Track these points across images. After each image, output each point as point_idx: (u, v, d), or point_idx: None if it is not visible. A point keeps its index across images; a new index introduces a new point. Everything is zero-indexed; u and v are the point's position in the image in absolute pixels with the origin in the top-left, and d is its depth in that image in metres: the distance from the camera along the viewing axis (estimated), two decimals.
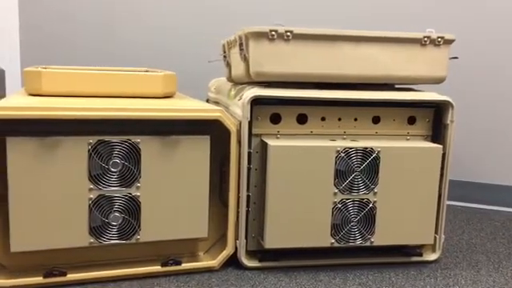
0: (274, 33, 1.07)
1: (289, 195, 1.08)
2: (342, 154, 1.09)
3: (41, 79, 1.13)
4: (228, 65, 1.35)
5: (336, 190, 1.10)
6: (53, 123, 1.00)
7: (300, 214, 1.09)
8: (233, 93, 1.29)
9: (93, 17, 2.12)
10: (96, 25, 2.12)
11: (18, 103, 0.99)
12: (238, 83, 1.31)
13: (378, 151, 1.10)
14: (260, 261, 1.14)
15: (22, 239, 0.99)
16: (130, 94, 1.20)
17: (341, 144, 1.10)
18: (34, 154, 0.98)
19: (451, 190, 1.73)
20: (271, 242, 1.09)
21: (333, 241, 1.11)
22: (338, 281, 1.09)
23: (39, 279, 1.01)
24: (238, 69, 1.23)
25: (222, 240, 1.19)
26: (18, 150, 0.97)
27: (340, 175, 1.10)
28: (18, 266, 1.04)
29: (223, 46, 1.37)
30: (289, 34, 1.08)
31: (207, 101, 1.58)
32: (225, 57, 1.36)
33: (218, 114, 1.07)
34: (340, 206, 1.11)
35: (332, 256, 1.17)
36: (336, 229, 1.11)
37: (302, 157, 1.08)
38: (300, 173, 1.08)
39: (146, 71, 1.30)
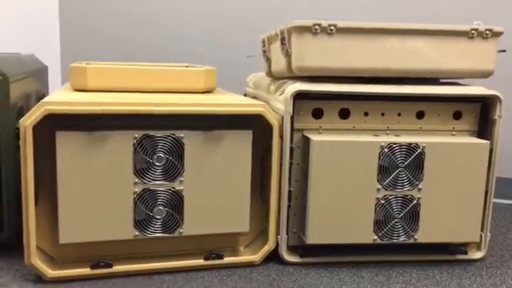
0: (317, 27, 1.06)
1: (331, 191, 1.07)
2: (386, 150, 1.07)
3: (86, 75, 1.16)
4: (268, 60, 1.34)
5: (379, 186, 1.08)
6: (99, 118, 1.02)
7: (342, 210, 1.08)
8: (272, 88, 1.29)
9: (132, 12, 2.14)
10: (134, 20, 2.14)
11: (67, 98, 1.01)
12: (278, 78, 1.31)
13: (423, 147, 1.08)
14: (301, 256, 1.14)
15: (70, 231, 1.02)
16: (172, 89, 1.21)
17: (385, 139, 1.08)
18: (82, 148, 1.00)
19: (497, 187, 1.69)
20: (313, 237, 1.09)
21: (375, 237, 1.10)
22: (381, 278, 1.08)
23: (87, 270, 1.03)
24: (279, 63, 1.22)
25: (261, 235, 1.19)
26: (67, 144, 0.99)
27: (383, 171, 1.08)
28: (65, 257, 1.07)
29: (263, 40, 1.36)
30: (332, 27, 1.06)
31: (245, 96, 1.59)
32: (264, 52, 1.36)
33: (261, 109, 1.07)
34: (383, 202, 1.09)
35: (374, 253, 1.15)
36: (379, 225, 1.10)
37: (345, 152, 1.07)
38: (343, 168, 1.07)
39: (187, 66, 1.31)
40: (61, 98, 1.02)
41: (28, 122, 0.95)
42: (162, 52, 2.14)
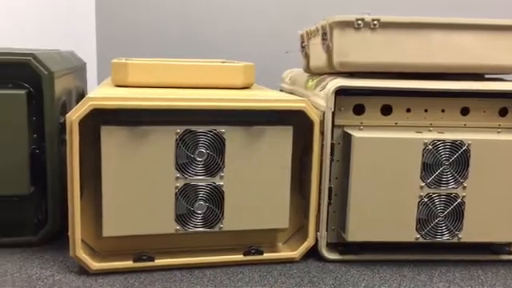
0: (360, 22, 1.05)
1: (373, 188, 1.06)
2: (430, 147, 1.05)
3: (127, 70, 1.17)
4: (306, 55, 1.34)
5: (422, 184, 1.06)
6: (142, 113, 1.03)
7: (384, 208, 1.07)
8: (311, 83, 1.28)
9: (167, 7, 2.16)
10: (168, 16, 2.16)
11: (111, 94, 1.02)
12: (316, 74, 1.30)
13: (469, 144, 1.05)
14: (341, 254, 1.13)
15: (114, 225, 1.03)
16: (210, 85, 1.21)
17: (428, 136, 1.06)
18: (126, 143, 1.01)
19: None
20: (354, 235, 1.08)
21: (418, 236, 1.08)
22: (424, 277, 1.06)
23: (129, 263, 1.05)
24: (318, 59, 1.21)
25: (300, 231, 1.18)
26: (111, 139, 1.00)
27: (427, 168, 1.06)
28: (107, 250, 1.09)
29: (301, 36, 1.35)
30: (376, 22, 1.05)
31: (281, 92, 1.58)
32: (303, 47, 1.35)
33: (303, 105, 1.06)
34: (426, 200, 1.07)
35: (416, 251, 1.13)
36: (421, 223, 1.08)
37: (388, 149, 1.05)
38: (385, 165, 1.05)
39: (223, 62, 1.31)
40: (105, 93, 1.03)
41: (74, 116, 0.97)
42: (194, 47, 2.16)
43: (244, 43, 2.12)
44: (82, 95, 1.61)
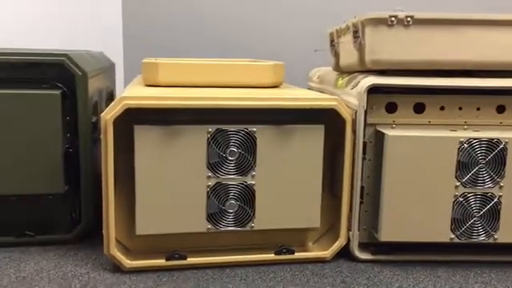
0: (393, 18, 1.03)
1: (406, 187, 1.05)
2: (465, 146, 1.03)
3: (158, 70, 1.18)
4: (336, 54, 1.32)
5: (457, 183, 1.04)
6: (174, 112, 1.04)
7: (418, 207, 1.05)
8: (341, 82, 1.27)
9: (193, 7, 2.17)
10: (195, 15, 2.17)
11: (144, 93, 1.03)
12: (346, 72, 1.28)
13: (506, 142, 1.03)
14: (373, 254, 1.12)
15: (147, 223, 1.04)
16: (240, 84, 1.21)
17: (464, 135, 1.04)
18: (158, 142, 1.02)
19: None
20: (387, 234, 1.06)
21: (453, 236, 1.06)
22: (459, 278, 1.04)
23: (162, 262, 1.05)
24: (349, 57, 1.20)
25: (330, 231, 1.17)
26: (144, 138, 1.01)
27: (462, 167, 1.04)
28: (140, 248, 1.10)
29: (330, 34, 1.34)
30: (409, 19, 1.03)
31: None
32: (332, 45, 1.34)
33: (335, 103, 1.05)
34: (462, 199, 1.05)
35: (450, 252, 1.11)
36: (456, 223, 1.06)
37: (422, 148, 1.03)
38: (418, 164, 1.04)
39: (251, 61, 1.31)
40: (138, 92, 1.04)
41: (109, 116, 0.98)
42: (220, 47, 2.16)
43: (269, 42, 2.11)
44: (111, 95, 1.63)
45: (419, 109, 1.09)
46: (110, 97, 1.61)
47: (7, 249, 1.13)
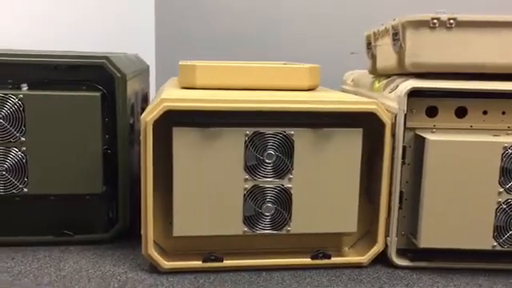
0: (435, 21, 1.01)
1: (447, 193, 1.02)
2: (510, 151, 1.00)
3: (195, 73, 1.19)
4: (373, 56, 1.31)
5: (501, 190, 1.01)
6: (212, 115, 1.04)
7: (459, 214, 1.03)
8: (377, 85, 1.25)
9: (225, 10, 2.18)
10: (228, 18, 2.18)
11: (183, 95, 1.04)
12: (384, 75, 1.27)
13: None
14: (411, 260, 1.09)
15: (184, 225, 1.04)
16: (276, 87, 1.21)
17: (507, 140, 1.01)
18: (196, 144, 1.02)
19: None
20: (426, 241, 1.04)
21: (495, 243, 1.03)
22: (501, 287, 1.01)
23: (198, 263, 1.06)
24: (387, 60, 1.18)
25: (367, 236, 1.16)
26: (183, 140, 1.02)
27: (506, 173, 1.01)
28: (176, 250, 1.10)
29: (367, 37, 1.33)
30: (452, 21, 1.01)
31: None
32: (369, 48, 1.32)
33: (374, 107, 1.04)
34: (505, 206, 1.02)
35: (492, 260, 1.09)
36: (499, 231, 1.03)
37: (464, 153, 1.01)
38: (460, 169, 1.01)
39: (285, 64, 1.31)
40: (177, 95, 1.05)
41: (149, 117, 0.99)
42: (253, 50, 2.17)
43: (299, 45, 2.11)
44: (145, 97, 1.65)
45: (461, 113, 1.07)
46: (145, 99, 1.62)
47: (47, 247, 1.15)
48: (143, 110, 1.56)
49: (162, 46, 2.29)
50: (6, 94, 1.08)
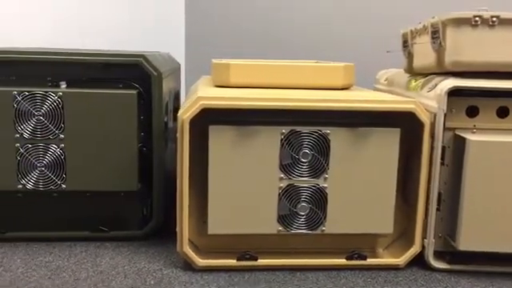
0: (477, 18, 0.99)
1: (487, 194, 1.00)
2: None
3: (229, 71, 1.19)
4: (409, 55, 1.29)
5: None
6: (248, 113, 1.04)
7: (500, 216, 1.00)
8: (414, 84, 1.23)
9: (254, 9, 2.18)
10: (254, 17, 2.18)
11: (219, 94, 1.04)
12: (420, 74, 1.24)
13: None
14: (449, 263, 1.07)
15: (218, 223, 1.04)
16: (310, 86, 1.20)
17: None
18: (232, 142, 1.02)
19: None
20: (466, 243, 1.02)
21: None
22: None
23: (233, 262, 1.06)
24: (425, 58, 1.16)
25: (402, 237, 1.14)
26: (219, 138, 1.02)
27: None
28: (210, 248, 1.10)
29: (403, 35, 1.31)
30: (495, 19, 0.99)
31: None
32: (405, 46, 1.30)
33: (413, 106, 1.02)
34: None
35: None
36: None
37: (506, 154, 0.98)
38: (501, 171, 0.99)
39: (316, 62, 1.29)
40: (213, 93, 1.05)
41: (186, 115, 0.99)
42: (283, 48, 2.16)
43: (329, 44, 2.09)
44: (177, 96, 1.65)
45: (502, 113, 1.04)
46: (177, 97, 1.63)
47: (83, 243, 1.17)
48: (175, 108, 1.57)
49: (192, 44, 2.30)
50: (46, 92, 1.10)
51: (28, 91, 1.10)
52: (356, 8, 2.06)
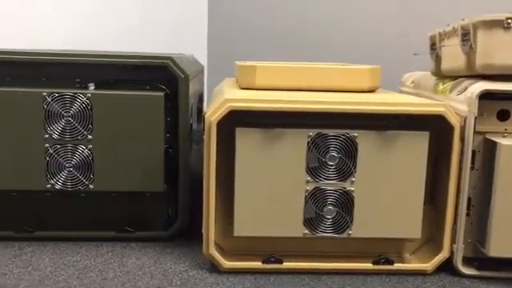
0: (510, 21, 0.97)
1: None
2: None
3: (255, 73, 1.19)
4: (437, 57, 1.27)
5: None
6: (275, 115, 1.03)
7: None
8: (442, 87, 1.21)
9: (277, 10, 2.18)
10: (276, 18, 2.18)
11: (247, 96, 1.04)
12: (449, 77, 1.23)
13: None
14: (478, 269, 1.05)
15: (244, 225, 1.04)
16: (336, 88, 1.19)
17: None
18: (259, 145, 1.02)
19: None
20: (496, 249, 1.00)
21: None
22: None
23: (258, 264, 1.06)
24: (454, 61, 1.14)
25: (429, 242, 1.12)
26: (245, 140, 1.02)
27: None
28: (235, 250, 1.10)
29: (431, 37, 1.29)
30: None
31: None
32: (433, 49, 1.28)
33: (443, 109, 1.00)
34: None
35: None
36: None
37: None
38: None
39: (342, 65, 1.29)
40: (239, 95, 1.05)
41: (213, 117, 0.99)
42: (303, 50, 2.15)
43: (353, 46, 2.08)
44: (201, 98, 1.66)
45: None
46: (200, 99, 1.64)
47: (109, 243, 1.18)
48: (199, 110, 1.58)
49: (214, 46, 2.31)
50: (75, 94, 1.12)
51: (58, 92, 1.11)
52: (381, 9, 2.04)
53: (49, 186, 1.14)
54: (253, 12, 2.23)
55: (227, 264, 1.04)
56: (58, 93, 1.11)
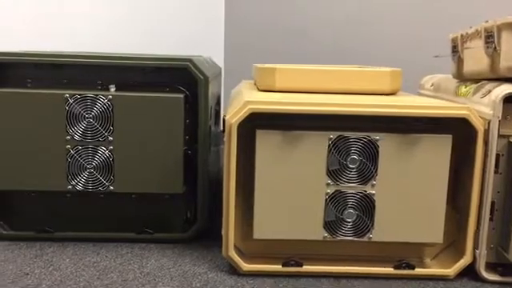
0: None
1: None
2: None
3: (275, 75, 1.18)
4: (459, 60, 1.25)
5: None
6: (295, 118, 1.03)
7: None
8: (464, 90, 1.20)
9: (294, 12, 2.18)
10: (293, 20, 2.17)
11: (267, 98, 1.04)
12: (471, 80, 1.21)
13: None
14: (501, 275, 1.03)
15: (264, 228, 1.04)
16: (356, 91, 1.18)
17: None
18: (279, 147, 1.02)
19: None
20: None
21: None
22: None
23: (278, 267, 1.05)
24: (477, 64, 1.13)
25: (450, 247, 1.11)
26: (266, 142, 1.02)
27: None
28: (254, 252, 1.10)
29: (453, 39, 1.28)
30: None
31: None
32: (455, 51, 1.27)
33: (466, 112, 0.99)
34: None
35: None
36: None
37: None
38: None
39: (361, 67, 1.28)
40: (260, 97, 1.05)
41: (234, 119, 0.99)
42: (321, 52, 2.15)
43: (370, 49, 2.06)
44: (218, 100, 1.66)
45: None
46: (218, 102, 1.64)
47: (129, 244, 1.18)
48: (216, 112, 1.58)
49: (230, 49, 2.32)
50: (97, 95, 1.12)
51: (79, 94, 1.12)
52: (401, 12, 2.03)
53: (70, 187, 1.15)
54: (269, 14, 2.23)
55: (246, 267, 1.04)
56: (79, 94, 1.12)
